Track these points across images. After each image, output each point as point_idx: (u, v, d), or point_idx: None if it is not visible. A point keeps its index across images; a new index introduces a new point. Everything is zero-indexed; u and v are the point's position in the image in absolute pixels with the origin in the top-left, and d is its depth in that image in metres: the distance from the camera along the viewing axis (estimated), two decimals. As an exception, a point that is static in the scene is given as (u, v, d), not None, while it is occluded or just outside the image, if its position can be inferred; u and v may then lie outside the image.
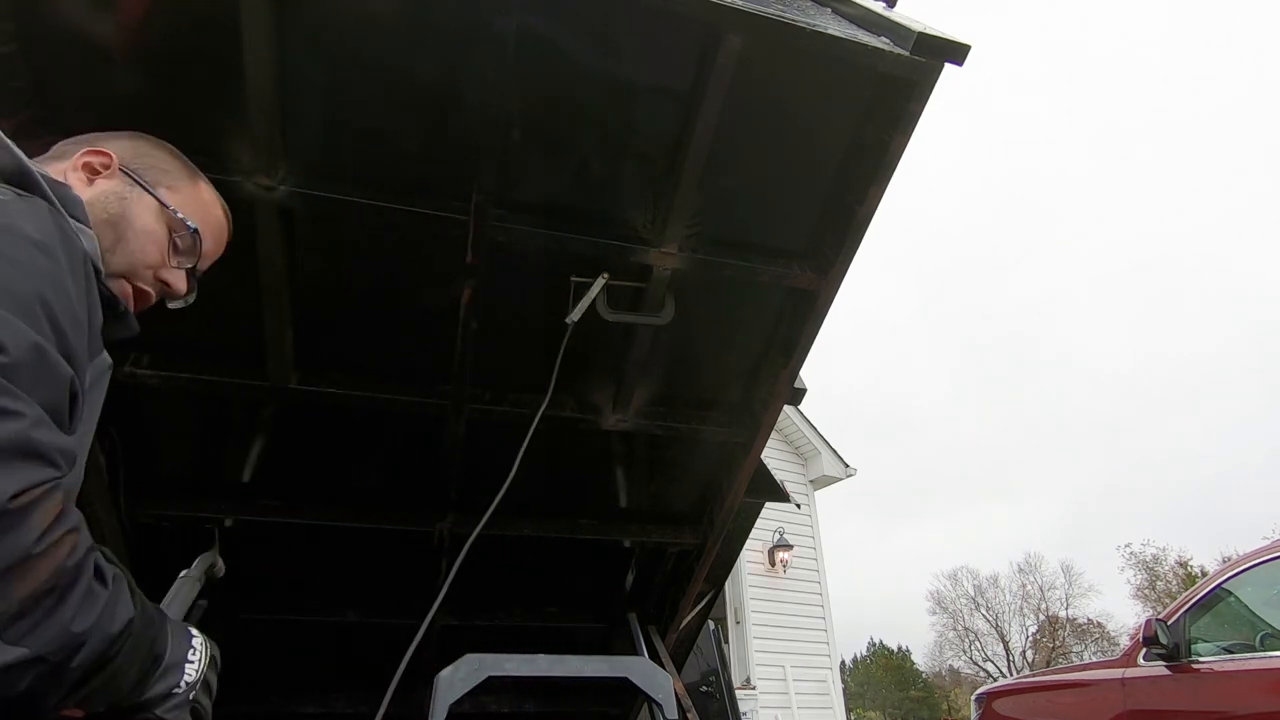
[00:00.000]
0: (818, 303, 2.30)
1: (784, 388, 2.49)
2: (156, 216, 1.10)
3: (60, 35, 1.64)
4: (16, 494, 0.64)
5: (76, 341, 0.78)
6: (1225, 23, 61.55)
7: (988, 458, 59.87)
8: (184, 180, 1.17)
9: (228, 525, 2.53)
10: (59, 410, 0.73)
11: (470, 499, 2.58)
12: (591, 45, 1.84)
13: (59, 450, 0.70)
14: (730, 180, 2.10)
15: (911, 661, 36.92)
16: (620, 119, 1.98)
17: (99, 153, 1.07)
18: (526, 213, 2.06)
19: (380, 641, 2.81)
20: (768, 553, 11.21)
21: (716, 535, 2.91)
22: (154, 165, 1.14)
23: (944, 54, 1.81)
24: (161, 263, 1.10)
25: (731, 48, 1.80)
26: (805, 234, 2.25)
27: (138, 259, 1.07)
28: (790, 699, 10.35)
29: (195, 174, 1.19)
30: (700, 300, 2.34)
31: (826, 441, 12.66)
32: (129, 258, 1.06)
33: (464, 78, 1.81)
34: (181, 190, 1.15)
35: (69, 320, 0.77)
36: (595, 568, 3.12)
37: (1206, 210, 56.59)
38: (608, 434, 2.62)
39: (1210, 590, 3.90)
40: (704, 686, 3.85)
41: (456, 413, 2.40)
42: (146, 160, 1.13)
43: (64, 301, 0.77)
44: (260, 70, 1.70)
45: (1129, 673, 3.97)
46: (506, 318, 2.29)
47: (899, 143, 1.96)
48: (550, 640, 3.24)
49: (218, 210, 1.22)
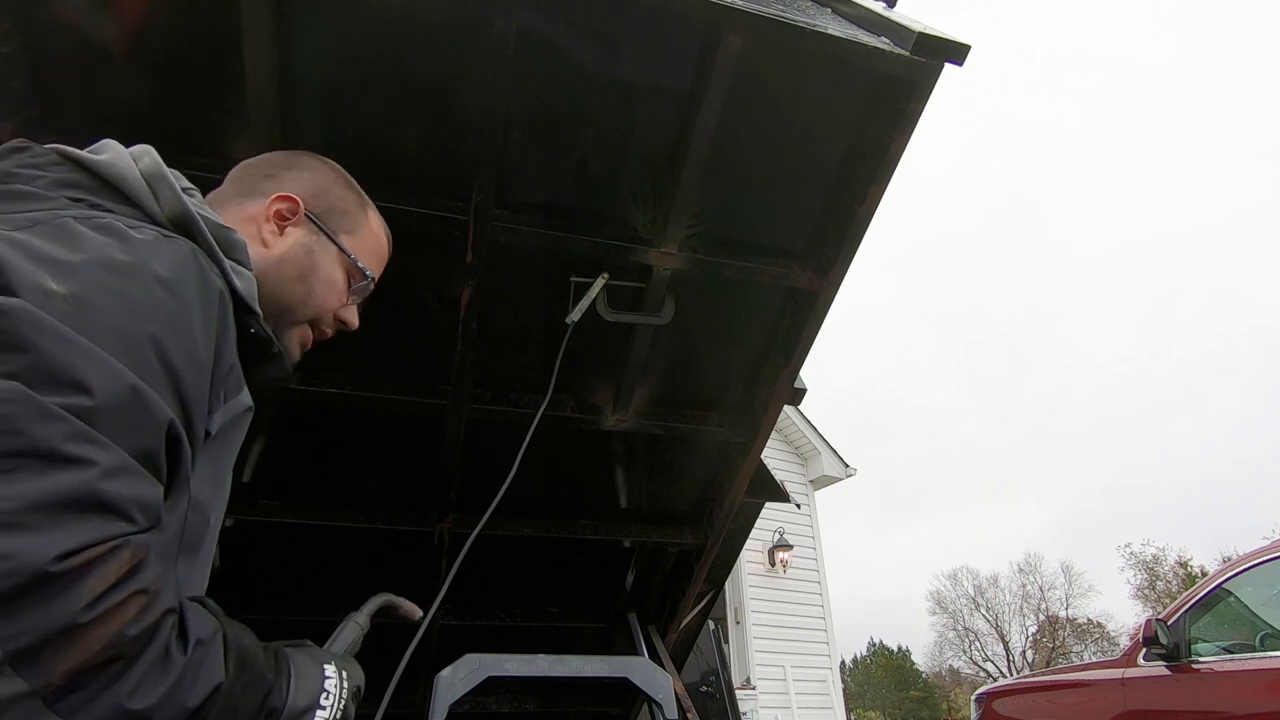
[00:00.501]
0: (818, 303, 2.30)
1: (784, 388, 2.49)
2: (338, 264, 1.12)
3: (60, 35, 1.64)
4: (64, 554, 0.58)
5: (195, 383, 0.75)
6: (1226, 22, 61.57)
7: (988, 457, 59.94)
8: (359, 218, 1.16)
9: (228, 525, 2.53)
10: (153, 456, 0.69)
11: (470, 499, 2.58)
12: (591, 45, 1.84)
13: (137, 502, 0.65)
14: (730, 180, 2.10)
15: (911, 661, 36.93)
16: (620, 119, 1.98)
17: (288, 199, 1.06)
18: (526, 213, 2.06)
19: (380, 641, 2.81)
20: (768, 553, 11.21)
21: (716, 535, 2.91)
22: (334, 206, 1.13)
23: (944, 54, 1.81)
24: (340, 305, 1.14)
25: (731, 48, 1.80)
26: (805, 234, 2.25)
27: (323, 308, 1.11)
28: (790, 699, 10.35)
29: (365, 203, 1.18)
30: (700, 300, 2.34)
31: (826, 441, 12.66)
32: (315, 309, 1.10)
33: (464, 78, 1.81)
34: (358, 232, 1.15)
35: (186, 361, 0.74)
36: (595, 568, 3.12)
37: (1207, 210, 56.62)
38: (608, 434, 2.62)
39: (1210, 590, 3.90)
40: (704, 686, 3.85)
41: (456, 413, 2.40)
42: (327, 200, 1.12)
43: (183, 342, 0.74)
44: (260, 70, 1.70)
45: (1129, 673, 3.97)
46: (506, 318, 2.29)
47: (899, 143, 1.96)
48: (550, 640, 3.24)
49: (384, 238, 1.21)
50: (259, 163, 1.12)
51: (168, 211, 0.87)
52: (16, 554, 0.56)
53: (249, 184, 1.08)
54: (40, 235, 0.71)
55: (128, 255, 0.73)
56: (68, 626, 0.58)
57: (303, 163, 1.13)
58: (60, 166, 0.86)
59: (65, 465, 0.61)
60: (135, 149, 0.93)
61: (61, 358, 0.64)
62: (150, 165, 0.90)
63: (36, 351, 0.63)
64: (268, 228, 1.04)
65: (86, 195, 0.83)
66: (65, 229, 0.73)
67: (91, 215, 0.77)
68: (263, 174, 1.09)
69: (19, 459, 0.59)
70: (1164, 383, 54.22)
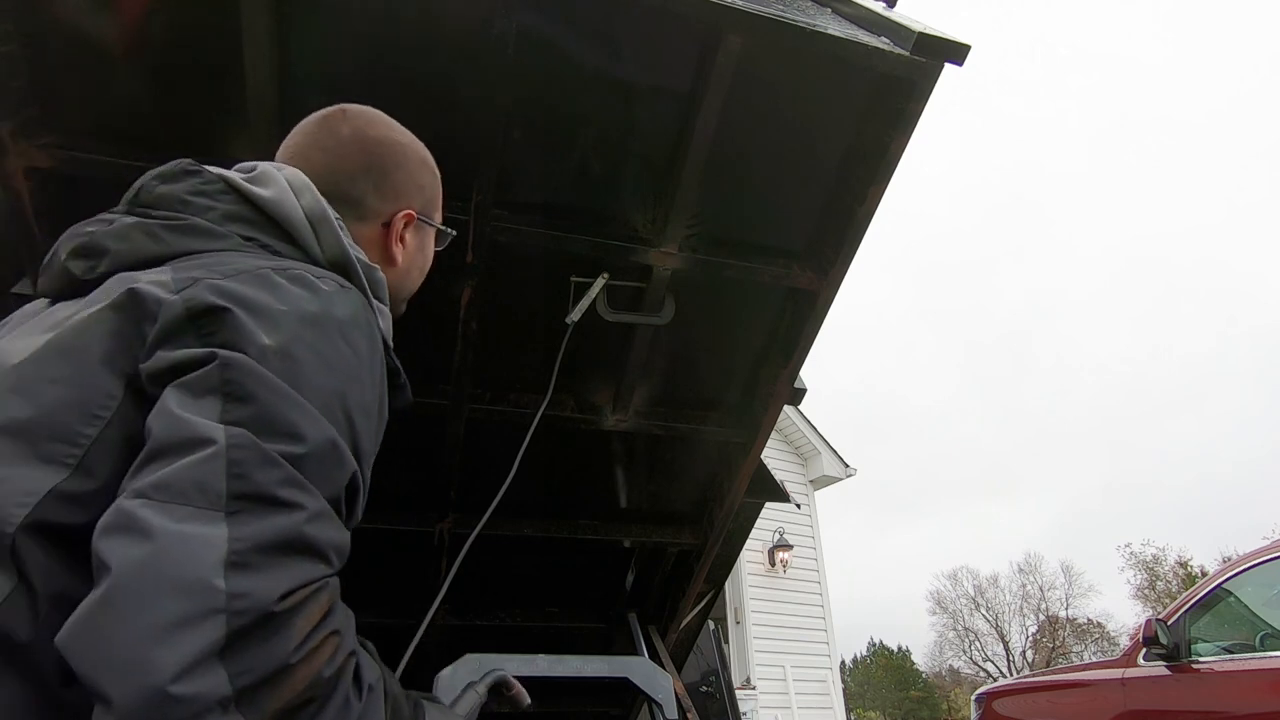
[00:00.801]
0: (818, 303, 2.30)
1: (784, 388, 2.49)
2: (432, 240, 1.15)
3: (60, 35, 1.64)
4: (285, 594, 0.60)
5: (368, 436, 0.79)
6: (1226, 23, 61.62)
7: (988, 457, 59.89)
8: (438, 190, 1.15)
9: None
10: (338, 504, 0.72)
11: (470, 499, 2.58)
12: (591, 45, 1.84)
13: (334, 546, 0.67)
14: (730, 180, 2.10)
15: (911, 661, 36.92)
16: (620, 119, 1.98)
17: (409, 217, 1.06)
18: (526, 213, 2.06)
19: (380, 641, 2.81)
20: (768, 553, 11.21)
21: (716, 535, 2.91)
22: (430, 199, 1.12)
23: (944, 54, 1.81)
24: None
25: (731, 48, 1.80)
26: (805, 234, 2.25)
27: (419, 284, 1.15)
28: (790, 699, 10.35)
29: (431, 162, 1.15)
30: (700, 300, 2.34)
31: (826, 441, 12.65)
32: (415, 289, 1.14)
33: (464, 77, 1.81)
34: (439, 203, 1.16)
35: (361, 413, 0.77)
36: (595, 568, 3.12)
37: (1207, 210, 56.65)
38: (608, 434, 2.62)
39: (1210, 590, 3.90)
40: (704, 686, 3.85)
41: (456, 413, 2.40)
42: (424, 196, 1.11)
43: (360, 395, 0.78)
44: (260, 70, 1.70)
45: (1129, 673, 3.97)
46: (506, 318, 2.29)
47: (899, 143, 1.97)
48: (550, 640, 3.24)
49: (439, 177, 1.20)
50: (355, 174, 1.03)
51: (328, 255, 0.90)
52: (249, 593, 0.58)
53: (359, 203, 1.02)
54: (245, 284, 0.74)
55: (319, 308, 0.77)
56: (282, 666, 0.59)
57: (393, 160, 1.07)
58: (228, 196, 0.88)
59: (281, 509, 0.63)
60: (293, 178, 0.93)
61: (279, 409, 0.67)
62: (312, 204, 0.91)
63: (258, 403, 0.67)
64: (396, 248, 1.06)
65: (257, 234, 0.87)
66: (265, 279, 0.76)
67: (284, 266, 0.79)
68: (370, 189, 1.03)
69: (243, 501, 0.61)
70: (1164, 383, 54.23)
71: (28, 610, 0.61)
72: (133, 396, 0.70)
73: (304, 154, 1.03)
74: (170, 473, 0.61)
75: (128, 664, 0.54)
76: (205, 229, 0.84)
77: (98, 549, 0.58)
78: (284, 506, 0.63)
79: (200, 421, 0.64)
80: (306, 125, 1.08)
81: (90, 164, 1.75)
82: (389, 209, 1.05)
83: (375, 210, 1.04)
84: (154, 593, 0.55)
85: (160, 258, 0.81)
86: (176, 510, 0.59)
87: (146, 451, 0.64)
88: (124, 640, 0.54)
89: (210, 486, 0.61)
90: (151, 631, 0.54)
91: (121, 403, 0.69)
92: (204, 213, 0.85)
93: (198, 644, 0.55)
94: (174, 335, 0.70)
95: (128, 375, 0.70)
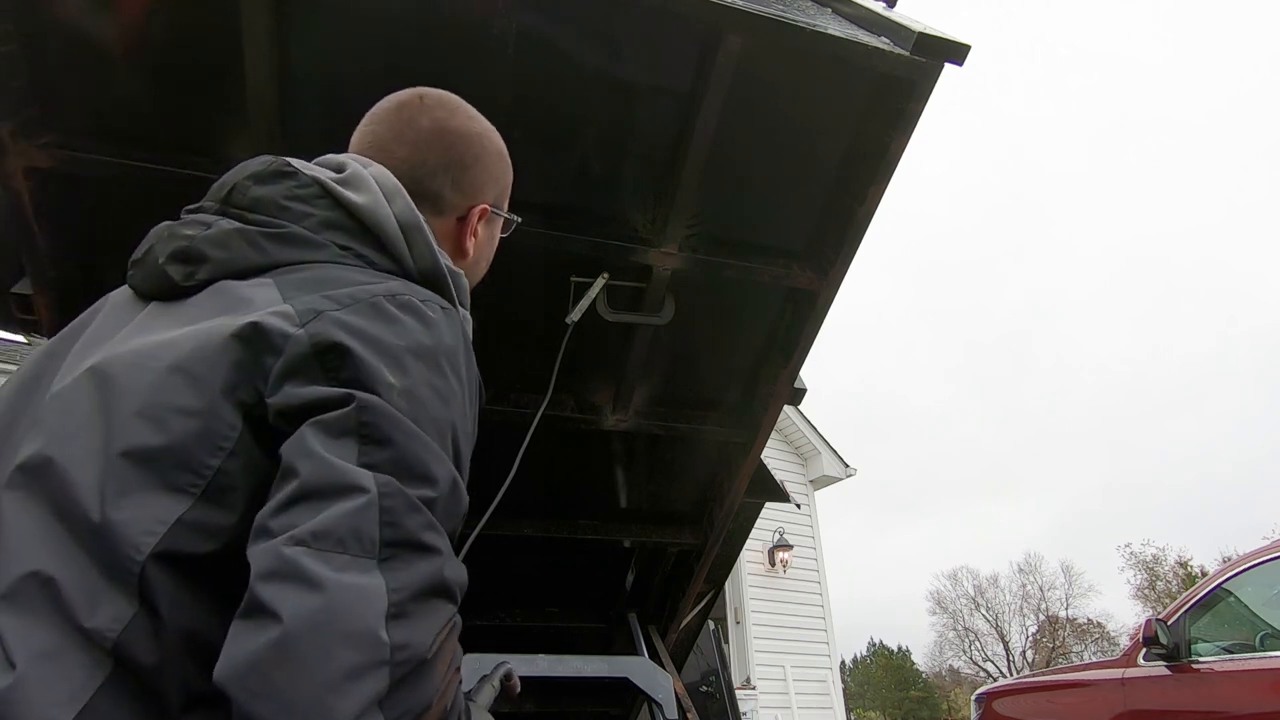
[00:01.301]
0: (818, 303, 2.30)
1: (784, 388, 2.49)
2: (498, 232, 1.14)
3: (60, 35, 1.64)
4: (434, 641, 0.63)
5: (467, 460, 0.80)
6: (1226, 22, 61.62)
7: (988, 457, 59.87)
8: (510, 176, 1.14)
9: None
10: (456, 537, 0.73)
11: (470, 499, 2.58)
12: (592, 45, 1.84)
13: (460, 585, 0.69)
14: (730, 180, 2.10)
15: (911, 661, 36.92)
16: (620, 119, 1.98)
17: (485, 211, 1.06)
18: (526, 213, 2.04)
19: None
20: (768, 553, 11.21)
21: (716, 535, 2.91)
22: (503, 190, 1.11)
23: (944, 54, 1.81)
24: None
25: (731, 48, 1.80)
26: (805, 234, 2.25)
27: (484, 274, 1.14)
28: (790, 699, 10.35)
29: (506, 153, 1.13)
30: (700, 300, 2.34)
31: (826, 441, 12.65)
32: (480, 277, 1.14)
33: (464, 77, 1.81)
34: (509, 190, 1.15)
35: (465, 441, 0.79)
36: (595, 568, 3.12)
37: (1207, 210, 56.66)
38: (608, 434, 2.62)
39: (1210, 590, 3.90)
40: (704, 686, 3.85)
41: (456, 413, 2.40)
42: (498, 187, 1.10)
43: (465, 423, 0.79)
44: (260, 70, 1.70)
45: (1129, 673, 3.97)
46: (506, 318, 2.29)
47: (899, 143, 1.97)
48: (550, 640, 3.24)
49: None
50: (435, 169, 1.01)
51: (420, 265, 0.89)
52: (409, 644, 0.60)
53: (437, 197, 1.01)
54: (363, 317, 0.74)
55: (431, 340, 0.77)
56: (426, 707, 0.62)
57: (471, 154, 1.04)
58: (323, 201, 0.87)
59: (426, 555, 0.65)
60: (385, 182, 0.91)
61: (414, 452, 0.69)
62: (404, 210, 0.90)
63: (395, 447, 0.68)
64: (469, 242, 1.06)
65: (353, 243, 0.86)
66: (380, 310, 0.76)
67: (393, 292, 0.79)
68: (448, 184, 1.02)
69: (394, 549, 0.63)
70: (1164, 383, 54.21)
71: (151, 637, 0.63)
72: (251, 427, 0.70)
73: (385, 147, 1.01)
74: (327, 520, 0.62)
75: (307, 711, 0.56)
76: (304, 238, 0.84)
77: (261, 594, 0.59)
78: (428, 552, 0.65)
79: (349, 467, 0.65)
80: (384, 114, 1.05)
81: (90, 164, 1.75)
82: (465, 203, 1.04)
83: (452, 205, 1.03)
84: (330, 645, 0.58)
85: (261, 267, 0.81)
86: (336, 559, 0.61)
87: (295, 491, 0.64)
88: (304, 688, 0.56)
89: (366, 535, 0.62)
90: (330, 681, 0.57)
91: (242, 434, 0.70)
92: (301, 220, 0.85)
93: (367, 694, 0.58)
94: (301, 372, 0.71)
95: (246, 406, 0.71)
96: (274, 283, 0.79)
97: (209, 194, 0.91)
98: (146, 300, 0.85)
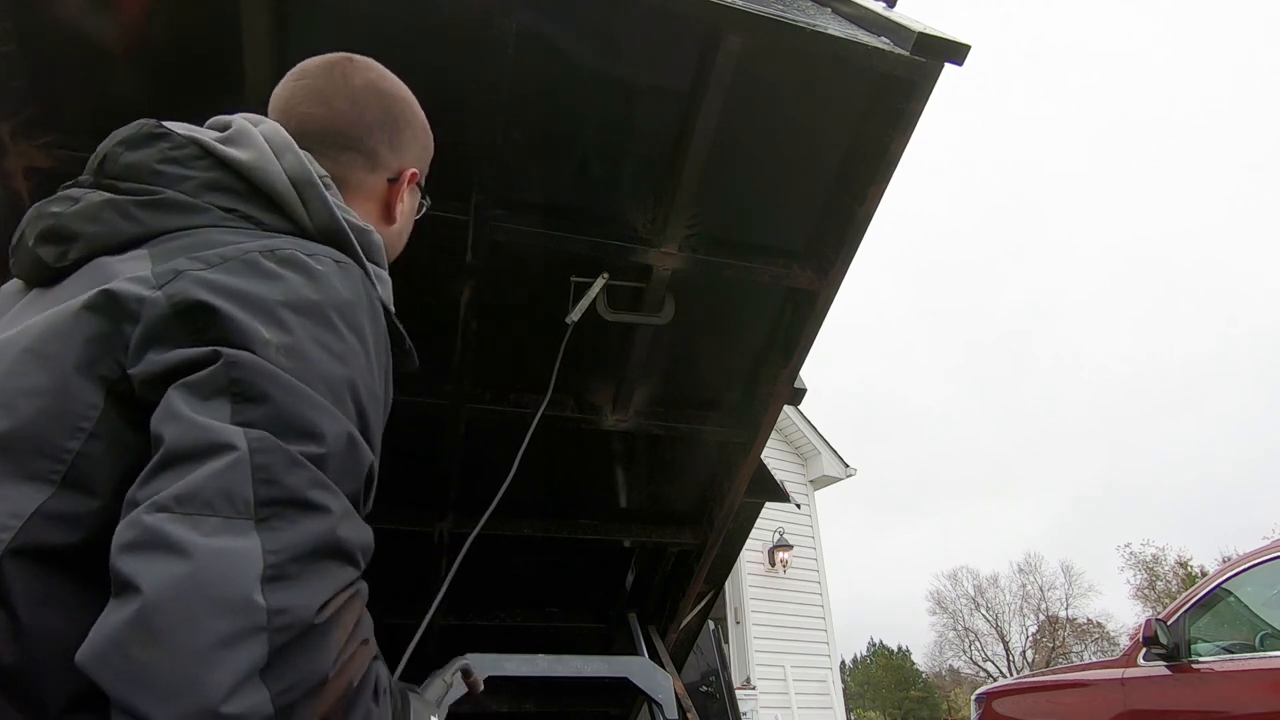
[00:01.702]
0: (818, 303, 2.30)
1: (784, 388, 2.49)
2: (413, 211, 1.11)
3: (60, 35, 1.64)
4: (323, 605, 0.58)
5: (375, 420, 0.75)
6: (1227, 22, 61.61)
7: (988, 457, 59.84)
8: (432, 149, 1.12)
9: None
10: (358, 500, 0.68)
11: (470, 499, 2.58)
12: (591, 45, 1.84)
13: (361, 547, 0.64)
14: (730, 180, 2.10)
15: (911, 661, 36.91)
16: (620, 119, 1.98)
17: (414, 175, 1.04)
18: (526, 213, 2.06)
19: (380, 641, 2.81)
20: (768, 553, 11.21)
21: (716, 535, 2.91)
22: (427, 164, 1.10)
23: (944, 54, 1.81)
24: None
25: (731, 48, 1.80)
26: (805, 234, 2.25)
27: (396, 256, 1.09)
28: (790, 699, 10.35)
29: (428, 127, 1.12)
30: (700, 300, 2.34)
31: (826, 441, 12.65)
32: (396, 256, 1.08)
33: (464, 77, 1.81)
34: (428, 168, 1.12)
35: (370, 399, 0.73)
36: (595, 568, 3.12)
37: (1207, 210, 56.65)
38: (608, 434, 2.62)
39: (1210, 590, 3.90)
40: (704, 686, 3.85)
41: (456, 413, 2.40)
42: (424, 159, 1.09)
43: (368, 381, 0.74)
44: (260, 70, 1.70)
45: (1129, 673, 3.97)
46: (506, 318, 2.30)
47: (899, 143, 1.97)
48: (550, 640, 3.24)
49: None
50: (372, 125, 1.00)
51: (317, 223, 0.83)
52: (289, 608, 0.56)
53: (374, 153, 1.00)
54: (232, 274, 0.69)
55: (318, 294, 0.72)
56: (322, 680, 0.57)
57: (403, 115, 1.05)
58: (202, 162, 0.81)
59: (312, 513, 0.60)
60: (273, 136, 0.86)
61: (295, 407, 0.64)
62: (295, 165, 0.84)
63: (272, 402, 0.63)
64: (398, 206, 1.03)
65: (238, 205, 0.80)
66: (254, 266, 0.71)
67: (273, 247, 0.74)
68: (384, 140, 1.00)
69: (274, 508, 0.59)
70: (1164, 383, 54.17)
71: (11, 640, 0.58)
72: (116, 404, 0.66)
73: (323, 100, 0.97)
74: (192, 482, 0.58)
75: (174, 687, 0.52)
76: (181, 203, 0.77)
77: (121, 567, 0.55)
78: (314, 510, 0.61)
79: (217, 425, 0.60)
80: (315, 69, 1.01)
81: (90, 164, 1.75)
82: (398, 164, 1.02)
83: (385, 163, 1.01)
84: (196, 613, 0.53)
85: (137, 239, 0.75)
86: (205, 523, 0.56)
87: (159, 459, 0.60)
88: (168, 662, 0.52)
89: (238, 495, 0.58)
90: (197, 653, 0.52)
91: (104, 412, 0.65)
92: (178, 184, 0.79)
93: (241, 664, 0.53)
94: (162, 336, 0.66)
95: (109, 382, 0.66)
96: (148, 253, 0.73)
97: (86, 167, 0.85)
98: (30, 288, 0.80)
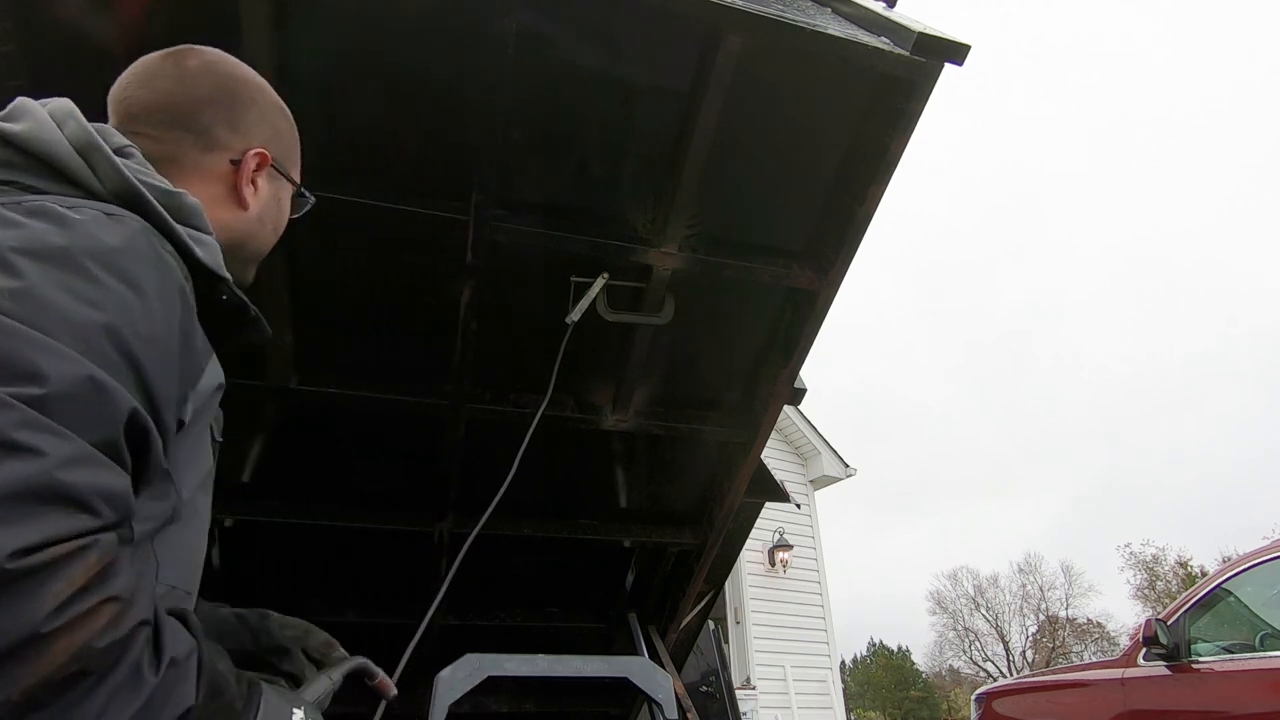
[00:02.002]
0: (818, 303, 2.30)
1: (784, 388, 2.49)
2: (289, 196, 1.10)
3: (60, 35, 1.64)
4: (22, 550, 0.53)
5: (160, 373, 0.72)
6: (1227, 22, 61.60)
7: (988, 457, 59.86)
8: (295, 144, 1.11)
9: (228, 525, 2.53)
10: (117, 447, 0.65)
11: (470, 499, 2.58)
12: (592, 45, 1.84)
13: (100, 493, 0.60)
14: (730, 180, 2.10)
15: (911, 661, 36.91)
16: (620, 119, 1.98)
17: (261, 155, 1.01)
18: (526, 213, 2.06)
19: (380, 641, 2.81)
20: (768, 553, 11.21)
21: (716, 535, 2.91)
22: (286, 147, 1.08)
23: (944, 54, 1.81)
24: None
25: (731, 48, 1.80)
26: (805, 234, 2.25)
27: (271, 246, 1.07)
28: (790, 699, 10.35)
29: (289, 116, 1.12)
30: (700, 300, 2.34)
31: (826, 441, 12.65)
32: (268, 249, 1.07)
33: (464, 78, 1.81)
34: (297, 159, 1.11)
35: (148, 349, 0.70)
36: (595, 568, 3.12)
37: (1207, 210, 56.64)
38: (608, 434, 2.62)
39: (1210, 590, 3.89)
40: (704, 686, 3.85)
41: (456, 413, 2.40)
42: (281, 143, 1.07)
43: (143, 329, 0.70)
44: (259, 70, 1.69)
45: (1129, 673, 3.97)
46: (506, 318, 2.29)
47: (899, 143, 1.96)
48: (550, 640, 3.24)
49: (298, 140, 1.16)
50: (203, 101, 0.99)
51: (109, 186, 0.80)
52: None
53: (206, 132, 0.98)
54: None
55: (67, 240, 0.69)
56: (30, 636, 0.52)
57: (246, 95, 1.04)
58: None
59: (17, 454, 0.56)
60: (55, 108, 0.85)
61: (11, 348, 0.60)
62: (77, 131, 0.82)
63: None
64: (246, 189, 0.99)
65: (16, 176, 0.78)
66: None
67: (23, 199, 0.72)
68: (219, 119, 0.99)
69: None
70: (1164, 383, 54.19)
71: None
72: None
73: (146, 82, 0.97)
74: None
75: None
76: None
77: None
78: (21, 451, 0.56)
79: None
80: (148, 59, 1.01)
81: (90, 164, 1.75)
82: (240, 144, 1.00)
83: (224, 143, 0.98)
84: None
85: None
86: None
87: None
88: None
89: None
90: None
91: None
92: None
93: None
94: None
95: None
96: None
97: None
98: None
